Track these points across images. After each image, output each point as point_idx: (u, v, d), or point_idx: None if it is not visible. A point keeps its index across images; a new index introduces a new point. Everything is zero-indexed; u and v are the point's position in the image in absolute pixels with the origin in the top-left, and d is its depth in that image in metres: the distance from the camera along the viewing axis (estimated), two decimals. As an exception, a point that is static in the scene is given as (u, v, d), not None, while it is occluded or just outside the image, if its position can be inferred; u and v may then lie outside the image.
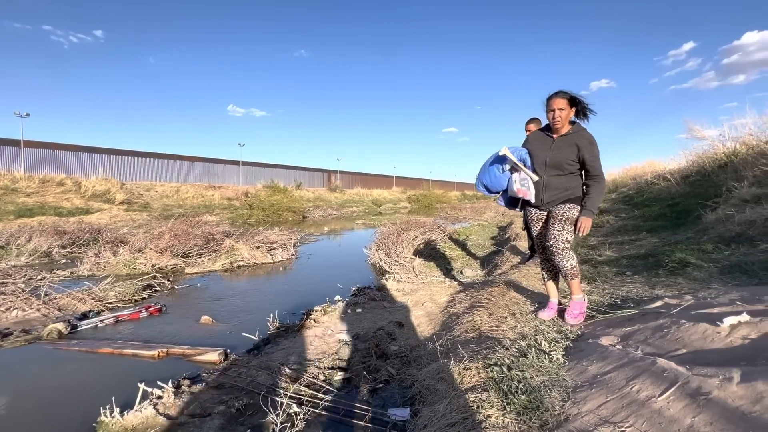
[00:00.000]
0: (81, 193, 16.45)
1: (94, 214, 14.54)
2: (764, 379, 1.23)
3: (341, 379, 2.51)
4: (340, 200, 29.00)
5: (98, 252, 6.57)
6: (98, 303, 4.27)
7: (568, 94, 2.45)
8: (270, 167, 31.92)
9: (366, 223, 15.85)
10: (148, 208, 17.19)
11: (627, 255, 4.69)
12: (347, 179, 38.89)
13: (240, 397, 2.25)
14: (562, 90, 2.47)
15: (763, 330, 1.63)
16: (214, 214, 16.66)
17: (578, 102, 2.47)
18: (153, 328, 3.71)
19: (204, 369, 2.72)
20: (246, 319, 3.91)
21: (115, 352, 3.09)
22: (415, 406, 2.06)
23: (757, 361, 1.44)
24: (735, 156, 6.70)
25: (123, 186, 18.81)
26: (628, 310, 2.53)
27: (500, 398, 1.66)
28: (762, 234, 3.83)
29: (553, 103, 2.45)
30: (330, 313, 3.79)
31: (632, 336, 2.04)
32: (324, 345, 3.06)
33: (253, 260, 6.97)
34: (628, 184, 13.51)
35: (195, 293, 5.03)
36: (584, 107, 2.50)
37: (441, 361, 2.25)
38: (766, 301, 2.05)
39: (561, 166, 2.50)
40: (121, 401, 2.16)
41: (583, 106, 2.49)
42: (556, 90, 2.49)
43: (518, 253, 5.72)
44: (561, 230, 2.48)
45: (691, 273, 3.36)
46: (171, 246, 6.81)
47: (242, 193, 22.51)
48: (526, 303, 3.16)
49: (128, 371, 2.80)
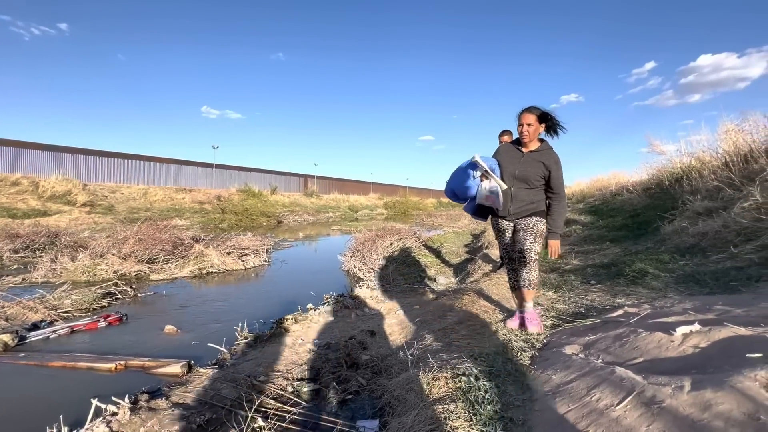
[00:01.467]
0: (38, 194, 15.49)
1: (52, 216, 13.71)
2: (712, 388, 1.30)
3: (310, 390, 2.46)
4: (316, 206, 28.71)
5: (55, 257, 6.18)
6: (51, 312, 4.00)
7: (538, 110, 2.54)
8: (244, 171, 31.23)
9: (342, 229, 15.74)
10: (113, 211, 16.40)
11: (592, 264, 4.87)
12: (324, 184, 38.59)
13: (203, 412, 2.16)
14: (534, 106, 2.56)
15: (712, 338, 1.72)
16: (185, 218, 16.10)
17: (549, 118, 2.56)
18: (112, 338, 3.51)
19: (165, 382, 2.59)
20: (213, 329, 3.77)
21: (68, 365, 2.90)
22: (384, 417, 2.04)
23: (706, 370, 1.52)
24: (690, 170, 7.12)
25: (86, 187, 17.86)
26: (591, 319, 2.62)
27: (467, 409, 1.67)
28: (713, 245, 4.08)
29: (523, 117, 2.54)
30: (302, 322, 3.72)
31: (594, 345, 2.11)
32: (294, 355, 2.99)
33: (224, 267, 6.76)
34: (594, 195, 14.11)
35: (160, 301, 4.82)
36: (555, 124, 2.60)
37: (411, 371, 2.25)
38: (715, 311, 2.18)
39: (528, 181, 2.59)
40: (71, 419, 2.03)
41: (553, 123, 2.59)
42: (528, 105, 2.58)
43: (490, 261, 5.83)
44: (533, 242, 2.59)
45: (650, 282, 3.52)
46: (135, 251, 6.51)
47: (215, 196, 21.87)
48: (495, 311, 3.21)
49: (81, 386, 2.62)
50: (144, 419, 2.04)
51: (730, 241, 3.87)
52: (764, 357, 1.42)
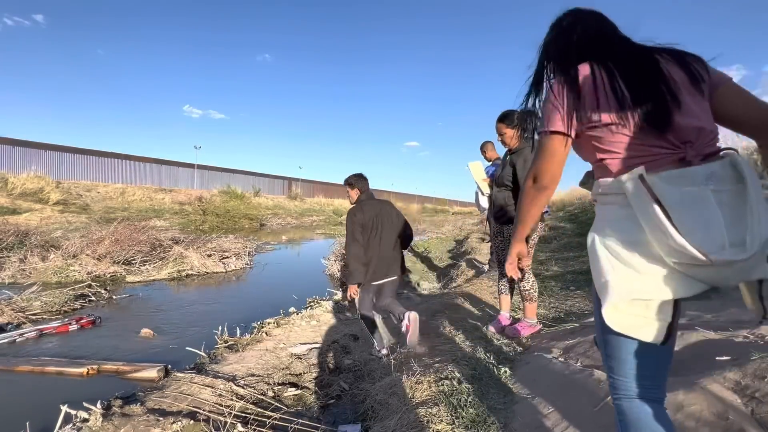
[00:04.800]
0: (8, 191, 14.81)
1: (22, 214, 13.12)
2: (684, 390, 1.35)
3: (291, 395, 2.42)
4: (300, 209, 28.43)
5: (24, 257, 5.91)
6: (19, 314, 3.82)
7: (501, 117, 2.63)
8: (227, 172, 30.70)
9: (326, 233, 15.62)
10: (88, 210, 15.82)
11: (571, 270, 4.99)
12: (308, 188, 38.27)
13: (179, 418, 2.10)
14: (502, 113, 2.64)
15: (684, 342, 1.79)
16: (164, 219, 15.67)
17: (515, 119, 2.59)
18: (84, 342, 3.38)
19: (140, 387, 2.51)
20: (192, 333, 3.68)
21: (36, 369, 2.77)
22: (367, 421, 2.03)
23: (678, 372, 1.57)
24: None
25: (59, 185, 17.17)
26: (570, 323, 2.68)
27: (450, 412, 1.68)
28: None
29: (496, 129, 2.65)
30: (283, 326, 3.67)
31: (573, 348, 2.15)
32: (275, 359, 2.94)
33: (204, 269, 6.61)
34: (574, 204, 14.50)
35: (136, 304, 4.67)
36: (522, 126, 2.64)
37: (394, 375, 2.25)
38: (687, 316, 2.26)
39: (502, 183, 2.67)
40: (38, 426, 1.94)
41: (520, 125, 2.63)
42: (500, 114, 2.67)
43: (473, 266, 5.90)
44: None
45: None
46: (111, 252, 6.29)
47: (196, 197, 21.37)
48: (478, 316, 3.25)
49: (50, 392, 2.51)
50: (117, 426, 1.97)
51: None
52: (732, 360, 1.49)
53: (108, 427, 1.97)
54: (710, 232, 0.76)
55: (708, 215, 0.77)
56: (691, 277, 0.82)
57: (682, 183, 0.79)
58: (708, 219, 0.77)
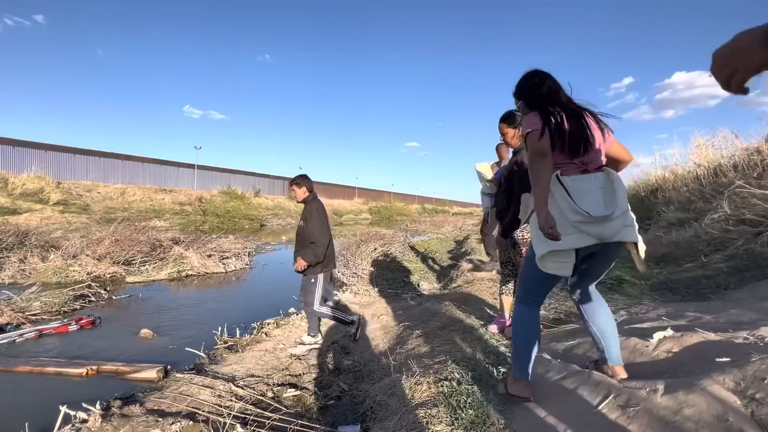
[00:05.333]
0: (8, 191, 14.82)
1: (22, 214, 13.12)
2: (684, 390, 1.35)
3: (291, 396, 2.42)
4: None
5: (23, 257, 5.92)
6: (19, 315, 3.82)
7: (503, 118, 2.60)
8: (227, 172, 30.72)
9: (326, 234, 15.61)
10: (88, 211, 15.82)
11: (572, 271, 4.99)
12: (309, 188, 38.24)
13: (178, 419, 2.09)
14: (503, 114, 2.61)
15: (684, 344, 1.79)
16: (164, 219, 15.67)
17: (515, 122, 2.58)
18: (84, 342, 3.38)
19: (140, 388, 2.51)
20: (191, 333, 3.67)
21: (35, 370, 2.77)
22: (366, 422, 2.02)
23: (678, 374, 1.57)
24: (664, 182, 7.41)
25: (60, 185, 17.18)
26: (570, 324, 2.68)
27: (449, 413, 1.67)
28: (685, 254, 4.24)
29: (499, 129, 2.62)
30: (283, 326, 3.67)
31: (573, 349, 2.15)
32: (275, 360, 2.94)
33: (204, 269, 6.61)
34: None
35: (135, 304, 4.67)
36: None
37: (393, 375, 2.25)
38: (687, 317, 2.26)
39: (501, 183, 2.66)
40: (38, 427, 1.94)
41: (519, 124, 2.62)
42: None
43: (474, 267, 5.89)
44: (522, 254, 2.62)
45: (627, 289, 3.63)
46: (111, 252, 6.30)
47: (196, 198, 21.38)
48: (478, 317, 3.25)
49: (50, 392, 2.51)
50: (116, 426, 1.97)
51: (700, 250, 4.02)
52: (732, 361, 1.49)
53: (107, 428, 1.96)
54: (593, 205, 1.46)
55: (593, 198, 1.47)
56: (585, 233, 1.45)
57: (581, 182, 1.51)
58: (593, 199, 1.47)
